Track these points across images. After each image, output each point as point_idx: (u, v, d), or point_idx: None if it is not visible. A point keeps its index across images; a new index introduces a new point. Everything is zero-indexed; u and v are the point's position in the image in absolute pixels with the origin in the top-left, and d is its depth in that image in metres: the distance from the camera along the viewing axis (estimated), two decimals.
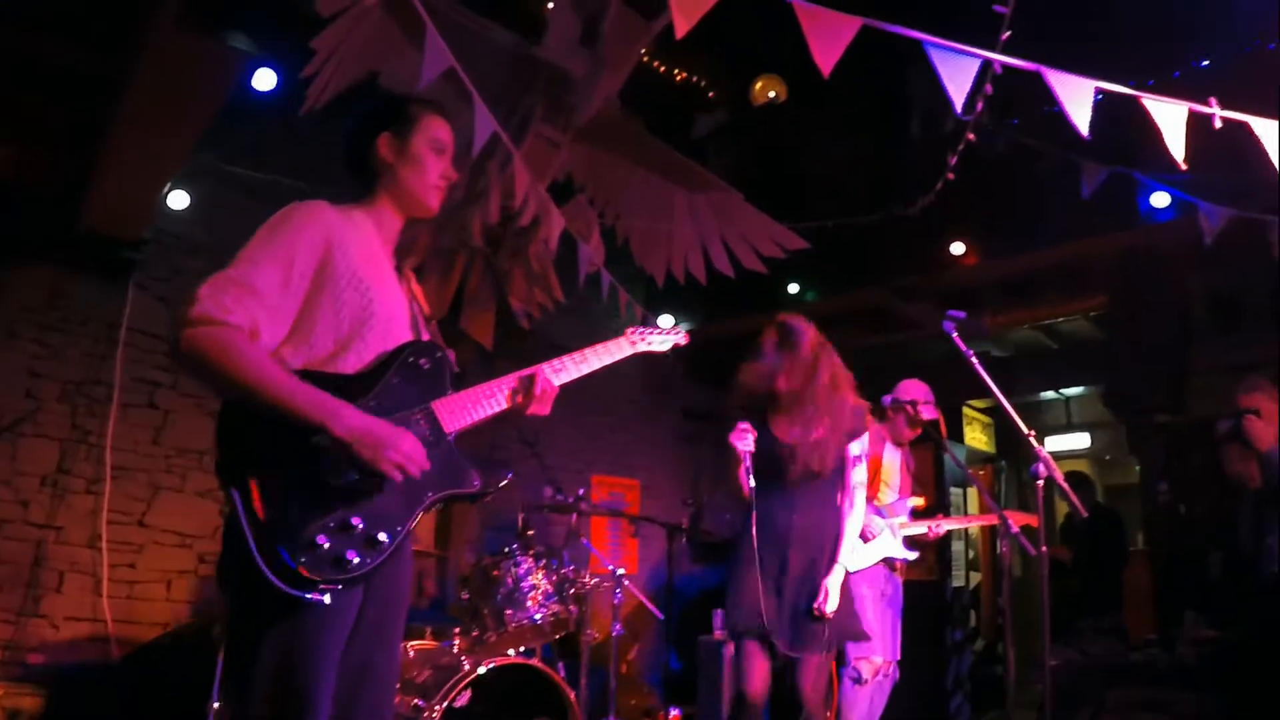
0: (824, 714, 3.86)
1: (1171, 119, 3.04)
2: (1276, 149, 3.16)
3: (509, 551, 4.74)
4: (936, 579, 8.17)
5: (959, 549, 8.62)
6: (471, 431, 2.44)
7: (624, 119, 5.85)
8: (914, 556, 5.46)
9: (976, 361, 3.74)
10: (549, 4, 5.46)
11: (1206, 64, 5.90)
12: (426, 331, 2.54)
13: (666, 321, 6.98)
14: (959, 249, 7.09)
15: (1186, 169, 3.05)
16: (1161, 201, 5.86)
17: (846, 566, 3.97)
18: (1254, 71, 5.49)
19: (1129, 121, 3.21)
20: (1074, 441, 11.35)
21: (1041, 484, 3.66)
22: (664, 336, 3.00)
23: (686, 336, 3.09)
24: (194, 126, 5.16)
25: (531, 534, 4.90)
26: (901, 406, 5.42)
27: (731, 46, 6.81)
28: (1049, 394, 10.77)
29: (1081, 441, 11.36)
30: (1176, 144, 3.04)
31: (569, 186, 5.93)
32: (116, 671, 5.24)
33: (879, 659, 5.24)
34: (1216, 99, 3.09)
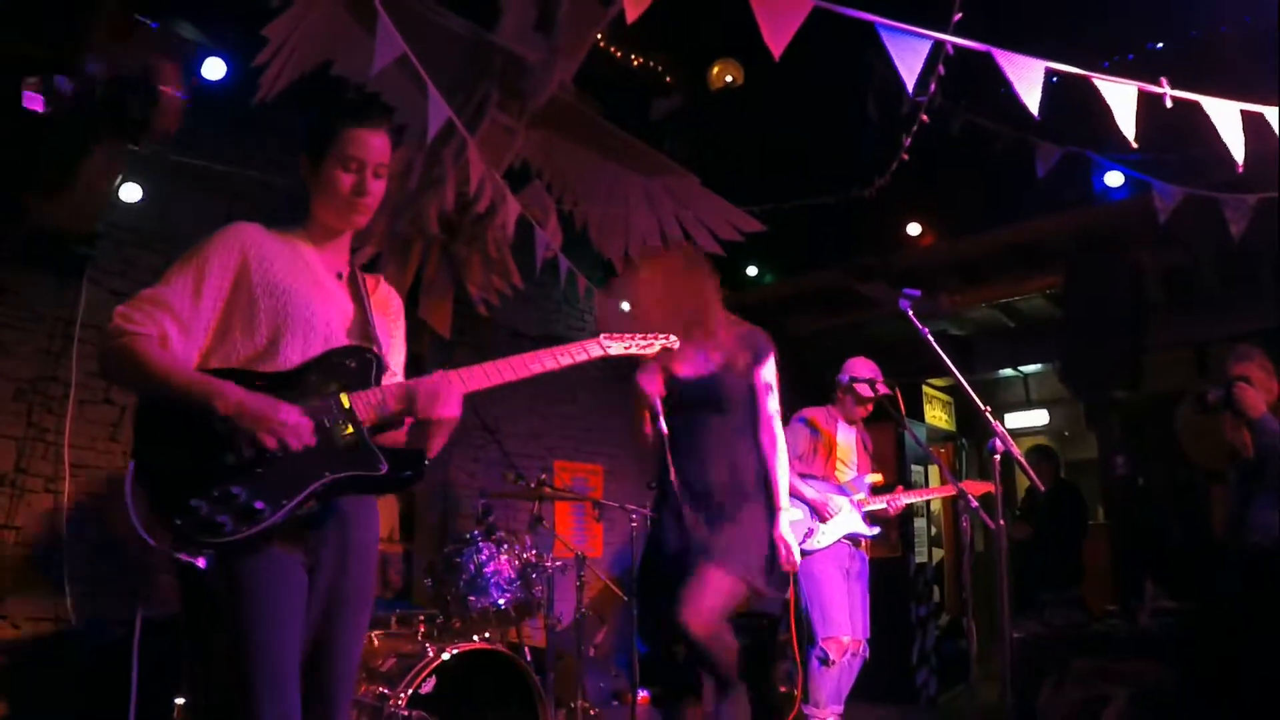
0: (714, 641, 3.45)
1: (1122, 99, 3.08)
2: (1228, 128, 3.21)
3: (471, 538, 4.74)
4: (900, 556, 8.24)
5: (921, 526, 8.68)
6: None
7: (580, 104, 5.84)
8: (876, 532, 5.52)
9: (933, 340, 3.77)
10: None
11: (1160, 46, 5.96)
12: (373, 337, 2.58)
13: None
14: (915, 229, 7.15)
15: (1139, 148, 3.09)
16: (1116, 181, 5.92)
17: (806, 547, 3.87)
18: (1207, 54, 5.56)
19: (1083, 102, 3.24)
20: (1033, 418, 11.49)
21: (998, 459, 3.69)
22: (646, 340, 3.01)
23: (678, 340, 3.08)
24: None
25: (493, 520, 4.89)
26: (853, 386, 5.46)
27: (688, 31, 6.79)
28: (1007, 371, 10.89)
29: (1040, 418, 11.51)
30: (1127, 123, 3.08)
31: (526, 172, 5.92)
32: (80, 670, 5.19)
33: (845, 638, 5.29)
34: (1169, 80, 3.13)
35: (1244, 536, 4.78)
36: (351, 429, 2.38)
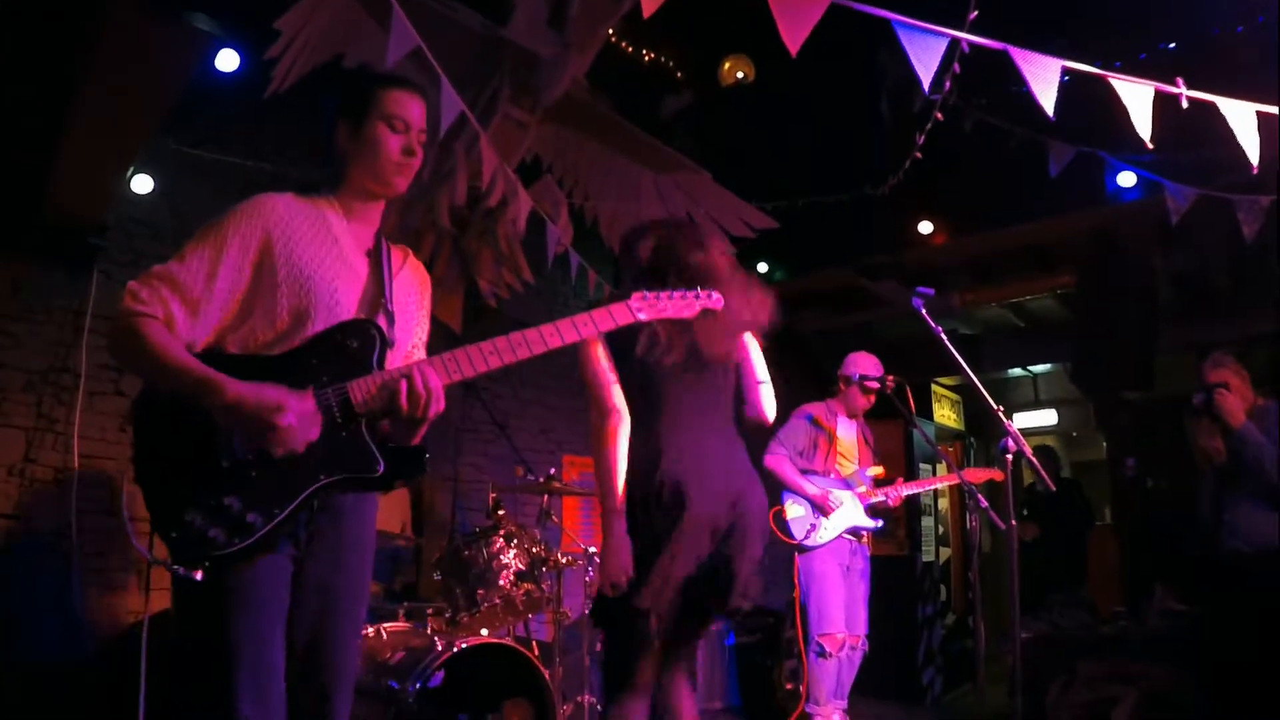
0: None
1: (1138, 99, 3.07)
2: (1243, 129, 3.19)
3: (480, 532, 4.74)
4: (906, 554, 8.25)
5: (928, 524, 8.69)
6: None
7: (592, 100, 5.84)
8: (878, 525, 5.53)
9: (947, 339, 3.76)
10: None
11: (1174, 46, 5.94)
12: (387, 311, 2.49)
13: None
14: (927, 228, 7.13)
15: (1153, 149, 3.08)
16: (1128, 181, 5.89)
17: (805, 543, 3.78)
18: (1221, 54, 5.53)
19: (1097, 101, 3.22)
20: (1041, 418, 11.46)
21: (1010, 458, 3.68)
22: (685, 298, 2.73)
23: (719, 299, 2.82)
24: (156, 110, 5.09)
25: (503, 514, 4.89)
26: (863, 382, 5.48)
27: (700, 27, 6.79)
28: (1017, 371, 10.87)
29: (1049, 418, 11.48)
30: (1143, 124, 3.07)
31: (537, 167, 5.91)
32: (90, 662, 5.20)
33: (840, 634, 5.31)
34: (1184, 80, 3.12)
35: (1221, 541, 4.80)
36: (349, 422, 2.31)
